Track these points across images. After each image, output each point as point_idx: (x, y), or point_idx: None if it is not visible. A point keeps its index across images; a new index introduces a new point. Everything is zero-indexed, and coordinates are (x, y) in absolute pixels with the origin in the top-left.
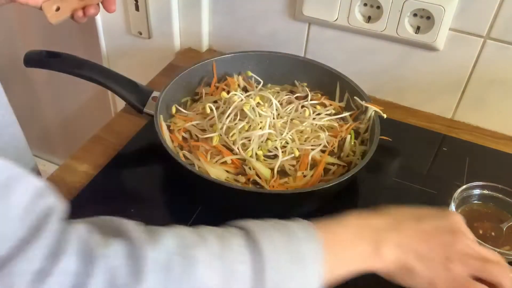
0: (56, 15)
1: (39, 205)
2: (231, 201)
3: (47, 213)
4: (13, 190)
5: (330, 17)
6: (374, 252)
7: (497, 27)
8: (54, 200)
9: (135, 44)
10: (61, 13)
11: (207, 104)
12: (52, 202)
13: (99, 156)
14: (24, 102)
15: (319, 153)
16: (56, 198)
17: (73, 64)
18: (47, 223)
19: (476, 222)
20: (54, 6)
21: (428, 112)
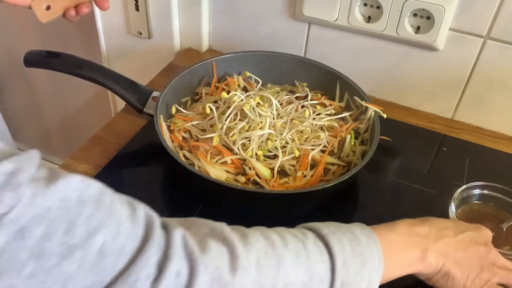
0: (46, 14)
1: (140, 215)
2: (231, 201)
3: (149, 221)
4: (114, 204)
5: (330, 17)
6: (421, 258)
7: (497, 27)
8: (145, 208)
9: (135, 44)
10: (52, 12)
11: (207, 104)
12: (146, 210)
13: (99, 156)
14: (24, 102)
15: (319, 153)
16: (144, 205)
17: (73, 64)
18: (153, 231)
19: (476, 222)
20: (44, 4)
21: (428, 112)
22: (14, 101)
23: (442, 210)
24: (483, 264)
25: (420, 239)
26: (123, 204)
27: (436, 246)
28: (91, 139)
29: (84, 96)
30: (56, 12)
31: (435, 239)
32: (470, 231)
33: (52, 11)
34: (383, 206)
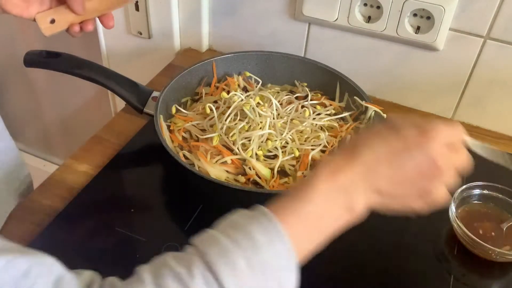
0: (50, 27)
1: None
2: (231, 201)
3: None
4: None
5: (330, 17)
6: (347, 212)
7: (497, 27)
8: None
9: (135, 44)
10: (56, 26)
11: (207, 104)
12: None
13: (99, 156)
14: (24, 102)
15: (319, 153)
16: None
17: (73, 64)
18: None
19: (476, 222)
20: (49, 18)
21: (428, 112)
22: (14, 101)
23: (442, 210)
24: (426, 177)
25: (342, 194)
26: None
27: (364, 192)
28: (91, 139)
29: (84, 96)
30: (60, 26)
31: (362, 183)
32: (411, 158)
33: (56, 25)
34: None
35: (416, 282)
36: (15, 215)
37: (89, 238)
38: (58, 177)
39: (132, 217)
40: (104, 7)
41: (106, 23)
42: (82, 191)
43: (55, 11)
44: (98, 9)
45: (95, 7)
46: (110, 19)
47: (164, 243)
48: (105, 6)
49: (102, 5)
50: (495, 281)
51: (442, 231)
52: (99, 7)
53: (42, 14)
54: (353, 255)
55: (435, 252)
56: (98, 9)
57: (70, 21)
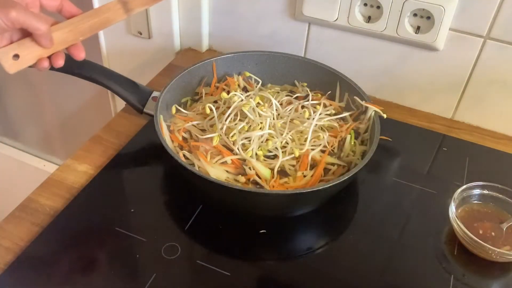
0: (14, 64)
1: None
2: (231, 201)
3: None
4: None
5: (330, 17)
6: None
7: (497, 27)
8: None
9: (135, 44)
10: (21, 62)
11: (207, 104)
12: None
13: (99, 156)
14: (24, 102)
15: (319, 153)
16: None
17: (73, 64)
18: None
19: (476, 222)
20: (11, 53)
21: (428, 112)
22: (14, 101)
23: (442, 210)
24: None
25: None
26: None
27: None
28: (91, 139)
29: (84, 96)
30: (26, 62)
31: None
32: None
33: (21, 61)
34: (383, 206)
35: (416, 282)
36: (15, 215)
37: (89, 238)
38: (58, 177)
39: (132, 217)
40: (73, 37)
41: (77, 54)
42: (82, 191)
43: (18, 45)
44: (67, 40)
45: (64, 38)
46: (80, 50)
47: (164, 243)
48: (74, 35)
49: (71, 35)
50: (495, 281)
51: (442, 231)
52: (68, 37)
53: (3, 49)
54: (353, 255)
55: (435, 252)
56: (67, 39)
57: (37, 56)
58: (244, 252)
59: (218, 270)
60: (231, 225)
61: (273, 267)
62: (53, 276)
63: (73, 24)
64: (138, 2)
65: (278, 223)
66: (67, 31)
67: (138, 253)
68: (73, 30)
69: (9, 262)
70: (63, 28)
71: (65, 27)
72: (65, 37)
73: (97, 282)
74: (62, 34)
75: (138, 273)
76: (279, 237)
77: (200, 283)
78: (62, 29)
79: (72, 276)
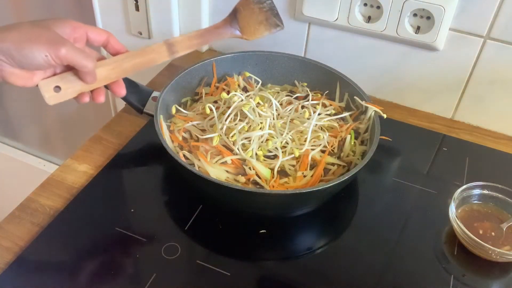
0: (55, 96)
1: None
2: (231, 201)
3: None
4: None
5: (330, 17)
6: None
7: (497, 27)
8: None
9: (135, 44)
10: (62, 95)
11: (207, 105)
12: None
13: (99, 156)
14: (24, 102)
15: (319, 153)
16: None
17: None
18: None
19: (476, 222)
20: (53, 85)
21: (428, 112)
22: (14, 101)
23: (442, 210)
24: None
25: None
26: None
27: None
28: (91, 139)
29: None
30: (67, 95)
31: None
32: None
33: (62, 94)
34: (383, 206)
35: (416, 282)
36: (15, 215)
37: (89, 238)
38: (58, 177)
39: (132, 217)
40: (116, 74)
41: (118, 91)
42: (82, 191)
43: (61, 78)
44: (110, 77)
45: (107, 75)
46: (122, 87)
47: (164, 243)
48: (117, 73)
49: (114, 73)
50: (495, 281)
51: (442, 231)
52: (111, 75)
53: (46, 81)
54: (353, 255)
55: (435, 252)
56: (110, 76)
57: (78, 91)
58: (244, 252)
59: (218, 270)
60: (231, 225)
61: (273, 267)
62: (53, 276)
63: (117, 62)
64: (183, 46)
65: (278, 223)
66: (111, 69)
67: (138, 253)
68: (117, 68)
69: (9, 262)
70: (107, 65)
71: (109, 64)
72: (108, 74)
73: (97, 282)
74: (105, 71)
75: (138, 273)
76: (279, 237)
77: (200, 283)
78: (106, 66)
79: (72, 276)
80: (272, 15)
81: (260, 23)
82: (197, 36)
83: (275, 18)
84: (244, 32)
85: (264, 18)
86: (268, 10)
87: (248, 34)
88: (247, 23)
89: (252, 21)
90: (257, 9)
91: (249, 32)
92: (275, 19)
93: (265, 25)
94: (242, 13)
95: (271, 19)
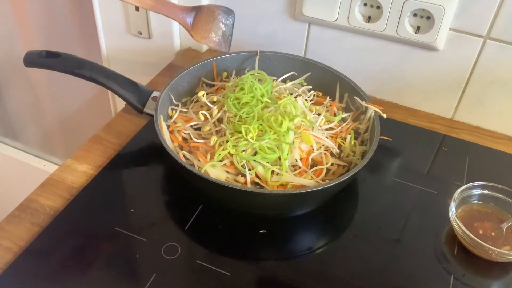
0: None
1: None
2: (231, 201)
3: None
4: None
5: (330, 17)
6: None
7: (497, 27)
8: None
9: (135, 44)
10: None
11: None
12: None
13: (99, 156)
14: (24, 102)
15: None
16: None
17: (73, 64)
18: None
19: (476, 222)
20: None
21: (428, 112)
22: (14, 101)
23: (442, 210)
24: None
25: None
26: None
27: None
28: (91, 139)
29: (84, 96)
30: None
31: None
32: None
33: None
34: (383, 206)
35: (416, 282)
36: (15, 215)
37: (89, 238)
38: (58, 177)
39: (132, 217)
40: None
41: None
42: (82, 191)
43: None
44: None
45: None
46: None
47: (164, 243)
48: None
49: None
50: (495, 281)
51: (442, 231)
52: None
53: None
54: (353, 255)
55: (435, 252)
56: None
57: None
58: (244, 252)
59: (218, 270)
60: (231, 225)
61: (273, 267)
62: (53, 276)
63: None
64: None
65: (278, 223)
66: None
67: (138, 253)
68: None
69: (9, 262)
70: None
71: None
72: None
73: (97, 282)
74: None
75: (138, 273)
76: (279, 237)
77: (200, 283)
78: None
79: (73, 276)
80: (223, 35)
81: (210, 32)
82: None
83: (223, 39)
84: (193, 28)
85: (216, 32)
86: (224, 29)
87: (195, 32)
88: (201, 24)
89: (205, 26)
90: (217, 21)
91: (197, 32)
92: (222, 40)
93: (212, 38)
94: (203, 15)
95: (220, 37)
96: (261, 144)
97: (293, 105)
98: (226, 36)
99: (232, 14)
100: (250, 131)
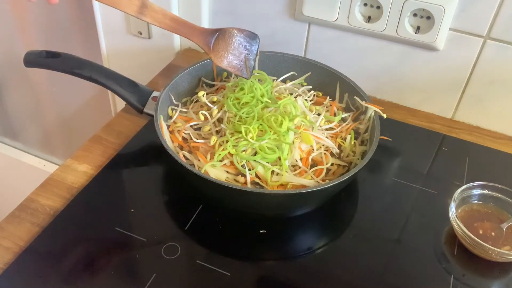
0: None
1: None
2: (231, 201)
3: None
4: None
5: (330, 17)
6: None
7: (497, 27)
8: None
9: (135, 44)
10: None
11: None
12: None
13: (99, 156)
14: (24, 102)
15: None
16: None
17: (73, 64)
18: None
19: (476, 222)
20: None
21: (428, 112)
22: (14, 101)
23: (442, 210)
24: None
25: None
26: None
27: None
28: (91, 139)
29: (84, 96)
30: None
31: None
32: None
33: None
34: (383, 206)
35: (416, 282)
36: (15, 215)
37: (89, 238)
38: (58, 177)
39: (132, 217)
40: None
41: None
42: (82, 191)
43: None
44: None
45: None
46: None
47: (164, 243)
48: None
49: None
50: (495, 281)
51: (442, 231)
52: None
53: None
54: (353, 255)
55: (435, 252)
56: None
57: None
58: (244, 252)
59: (218, 270)
60: (231, 225)
61: (273, 267)
62: (53, 277)
63: None
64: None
65: (278, 223)
66: None
67: (138, 253)
68: None
69: (9, 262)
70: None
71: None
72: None
73: (97, 282)
74: None
75: (138, 273)
76: (279, 237)
77: (200, 283)
78: None
79: (73, 276)
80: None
81: (230, 56)
82: (172, 19)
83: (244, 64)
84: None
85: (237, 56)
86: (247, 54)
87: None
88: (222, 47)
89: (226, 49)
90: (238, 45)
91: (217, 55)
92: (244, 65)
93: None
94: (225, 37)
95: (241, 62)
96: (261, 144)
97: (293, 105)
98: (248, 61)
99: (256, 39)
100: (250, 131)
